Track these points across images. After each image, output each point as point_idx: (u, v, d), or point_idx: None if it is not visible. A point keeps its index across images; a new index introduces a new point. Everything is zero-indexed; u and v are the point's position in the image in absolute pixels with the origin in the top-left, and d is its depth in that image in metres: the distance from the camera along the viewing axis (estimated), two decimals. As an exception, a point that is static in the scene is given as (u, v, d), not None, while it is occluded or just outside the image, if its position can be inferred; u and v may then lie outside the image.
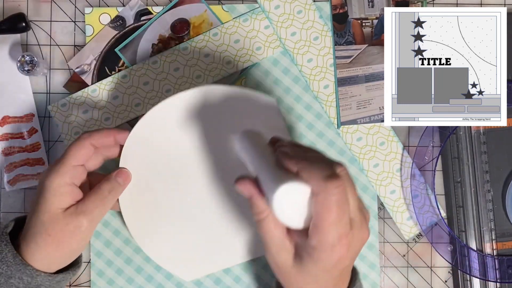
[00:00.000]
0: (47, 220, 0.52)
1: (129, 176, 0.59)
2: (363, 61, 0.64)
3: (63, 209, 0.53)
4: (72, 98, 0.64)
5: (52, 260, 0.54)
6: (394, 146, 0.64)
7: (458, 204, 0.64)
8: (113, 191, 0.56)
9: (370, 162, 0.64)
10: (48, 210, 0.52)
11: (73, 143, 0.55)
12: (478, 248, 0.63)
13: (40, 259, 0.53)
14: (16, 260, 0.52)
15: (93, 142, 0.55)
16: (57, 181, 0.53)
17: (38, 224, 0.53)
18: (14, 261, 0.52)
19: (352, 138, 0.64)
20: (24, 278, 0.52)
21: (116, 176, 0.57)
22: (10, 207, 0.65)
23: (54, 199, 0.53)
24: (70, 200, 0.54)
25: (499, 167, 0.64)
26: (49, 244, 0.52)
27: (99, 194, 0.55)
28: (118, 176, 0.57)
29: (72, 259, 0.56)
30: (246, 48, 0.64)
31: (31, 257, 0.53)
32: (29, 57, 0.61)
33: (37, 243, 0.52)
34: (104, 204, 0.55)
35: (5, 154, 0.64)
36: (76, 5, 0.65)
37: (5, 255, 0.52)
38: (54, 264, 0.54)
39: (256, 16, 0.64)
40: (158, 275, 0.64)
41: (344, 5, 0.64)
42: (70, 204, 0.54)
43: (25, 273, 0.52)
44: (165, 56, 0.64)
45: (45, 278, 0.53)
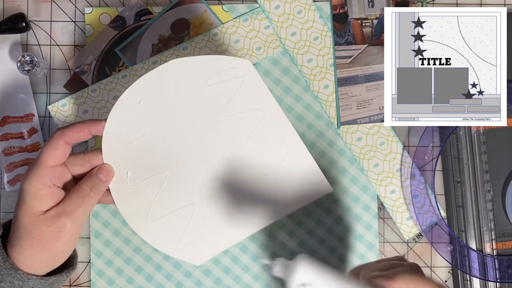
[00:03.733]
0: (28, 223, 0.51)
1: (111, 171, 0.56)
2: (363, 61, 0.64)
3: (43, 212, 0.52)
4: (72, 98, 0.64)
5: (37, 262, 0.52)
6: (394, 146, 0.64)
7: (458, 204, 0.64)
8: (95, 188, 0.54)
9: (370, 162, 0.64)
10: (29, 214, 0.51)
11: (46, 143, 0.53)
12: (478, 248, 0.63)
13: (26, 262, 0.52)
14: (6, 264, 0.51)
15: (67, 139, 0.53)
16: (34, 184, 0.51)
17: (21, 227, 0.51)
18: (5, 265, 0.51)
19: (352, 138, 0.64)
20: (15, 282, 0.51)
21: (97, 173, 0.55)
22: (10, 207, 0.65)
23: (34, 203, 0.51)
24: (50, 202, 0.52)
25: (499, 167, 0.64)
26: (33, 247, 0.51)
27: (80, 192, 0.53)
28: (100, 172, 0.55)
29: (61, 261, 0.54)
30: (246, 48, 0.64)
31: (17, 261, 0.52)
32: (29, 57, 0.61)
33: (21, 246, 0.51)
34: (86, 202, 0.53)
35: (5, 154, 0.64)
36: (76, 5, 0.65)
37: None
38: (40, 267, 0.53)
39: (256, 16, 0.64)
40: (158, 275, 0.64)
41: (344, 5, 0.64)
42: (51, 206, 0.52)
43: (15, 277, 0.51)
44: (165, 56, 0.64)
45: (37, 281, 0.52)
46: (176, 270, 0.64)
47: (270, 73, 0.64)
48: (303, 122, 0.64)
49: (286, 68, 0.64)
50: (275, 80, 0.64)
